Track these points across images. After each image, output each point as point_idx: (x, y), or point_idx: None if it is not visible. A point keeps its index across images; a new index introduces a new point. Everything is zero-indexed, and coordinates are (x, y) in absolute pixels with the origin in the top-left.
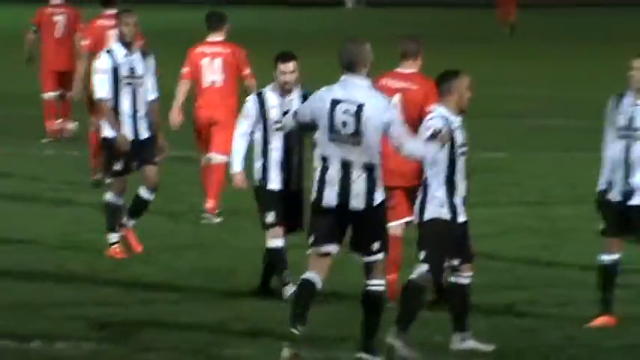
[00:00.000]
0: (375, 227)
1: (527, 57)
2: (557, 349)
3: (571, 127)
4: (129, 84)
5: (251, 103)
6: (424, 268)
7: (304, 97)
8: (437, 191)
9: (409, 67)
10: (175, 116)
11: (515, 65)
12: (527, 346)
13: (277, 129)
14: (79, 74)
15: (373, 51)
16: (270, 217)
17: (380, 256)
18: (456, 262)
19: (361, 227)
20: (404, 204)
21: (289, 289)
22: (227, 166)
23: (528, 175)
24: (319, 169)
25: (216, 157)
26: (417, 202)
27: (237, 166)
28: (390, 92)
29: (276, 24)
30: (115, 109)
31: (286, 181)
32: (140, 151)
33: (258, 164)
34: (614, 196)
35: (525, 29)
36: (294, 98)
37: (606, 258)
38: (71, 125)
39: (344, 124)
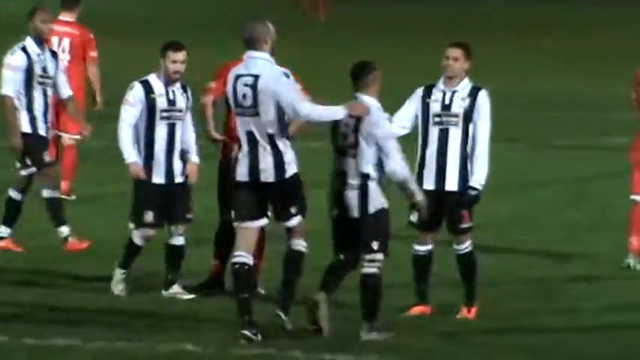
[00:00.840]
0: (291, 195)
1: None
2: None
3: None
4: (41, 83)
5: (137, 90)
6: (379, 257)
7: (184, 88)
8: (375, 182)
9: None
10: None
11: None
12: None
13: (162, 118)
14: None
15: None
16: (149, 216)
17: (298, 218)
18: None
19: (278, 198)
20: None
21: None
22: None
23: None
24: (237, 145)
25: (64, 137)
26: (356, 196)
27: (132, 156)
28: None
29: (136, 11)
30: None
31: (169, 172)
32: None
33: (140, 155)
34: (429, 184)
35: (339, 20)
36: (177, 88)
37: (420, 249)
38: None
39: (244, 96)
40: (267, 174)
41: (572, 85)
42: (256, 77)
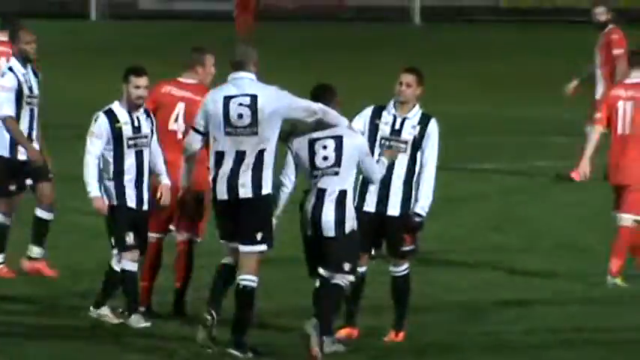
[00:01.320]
0: (260, 219)
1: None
2: None
3: None
4: (28, 103)
5: (102, 121)
6: (351, 278)
7: (147, 113)
8: (350, 203)
9: (191, 78)
10: None
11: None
12: None
13: (129, 146)
14: None
15: (117, 63)
16: (130, 238)
17: (263, 247)
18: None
19: (247, 218)
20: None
21: (136, 319)
22: None
23: None
24: (213, 165)
25: None
26: (333, 214)
27: (96, 191)
28: (173, 100)
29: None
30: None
31: (139, 199)
32: (32, 170)
33: (111, 184)
34: (369, 207)
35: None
36: (141, 114)
37: None
38: None
39: (240, 116)
40: (246, 190)
41: (494, 109)
42: (254, 97)
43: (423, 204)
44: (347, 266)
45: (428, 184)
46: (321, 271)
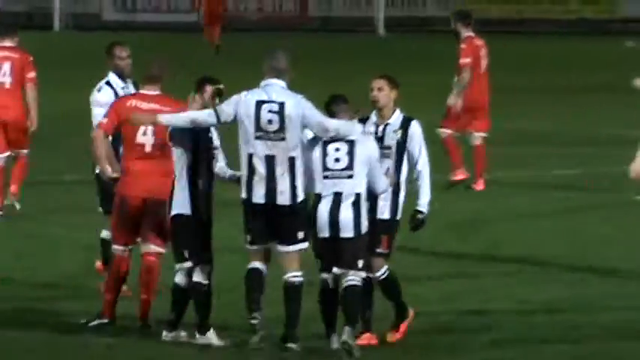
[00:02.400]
0: (299, 220)
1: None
2: None
3: None
4: None
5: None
6: (363, 274)
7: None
8: (365, 205)
9: (153, 90)
10: None
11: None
12: None
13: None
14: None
15: (82, 74)
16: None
17: (305, 244)
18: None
19: (287, 221)
20: None
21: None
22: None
23: None
24: (246, 168)
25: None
26: (352, 216)
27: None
28: (141, 113)
29: None
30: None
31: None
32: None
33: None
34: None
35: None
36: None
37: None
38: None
39: (269, 121)
40: (284, 197)
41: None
42: (282, 104)
43: (423, 201)
44: (360, 263)
45: (425, 183)
46: (335, 270)
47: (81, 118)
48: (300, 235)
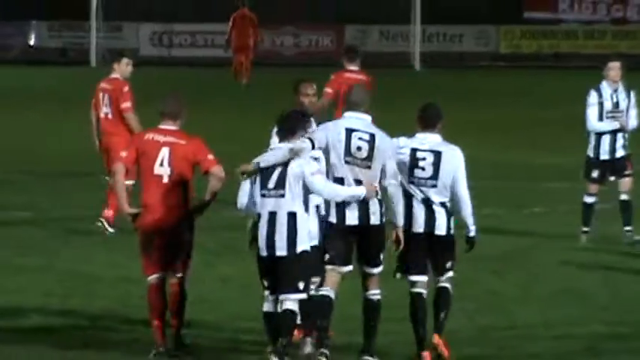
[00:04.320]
0: (381, 242)
1: None
2: None
3: None
4: None
5: None
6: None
7: None
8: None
9: (172, 125)
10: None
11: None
12: None
13: None
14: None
15: None
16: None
17: (381, 268)
18: None
19: (374, 243)
20: None
21: None
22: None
23: None
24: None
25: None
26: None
27: None
28: (157, 146)
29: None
30: None
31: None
32: None
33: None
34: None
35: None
36: None
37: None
38: None
39: (359, 148)
40: (376, 217)
41: (490, 153)
42: (373, 135)
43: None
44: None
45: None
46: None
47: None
48: (382, 257)
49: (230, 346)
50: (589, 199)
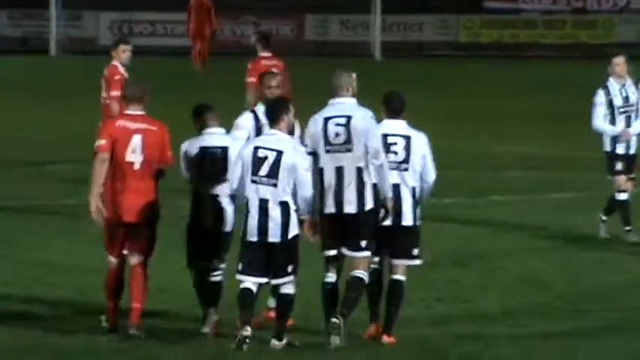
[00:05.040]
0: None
1: None
2: None
3: None
4: None
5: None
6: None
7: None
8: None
9: (138, 110)
10: None
11: None
12: None
13: None
14: None
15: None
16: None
17: (366, 253)
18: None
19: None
20: None
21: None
22: None
23: None
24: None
25: None
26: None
27: None
28: (129, 133)
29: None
30: None
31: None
32: None
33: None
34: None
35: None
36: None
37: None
38: None
39: (336, 134)
40: (351, 206)
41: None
42: (348, 117)
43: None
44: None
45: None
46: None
47: (77, 142)
48: (363, 243)
49: (193, 332)
50: (622, 196)
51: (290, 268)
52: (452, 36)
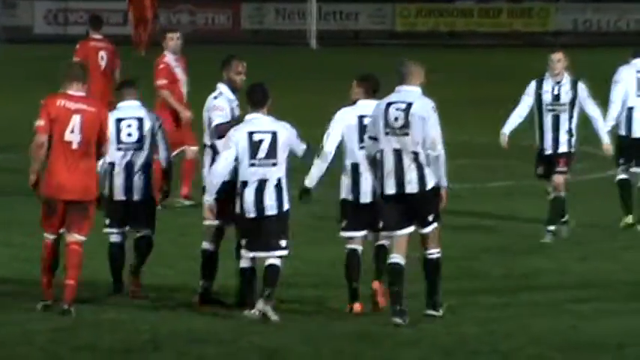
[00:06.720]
0: (430, 204)
1: None
2: None
3: None
4: None
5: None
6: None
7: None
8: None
9: (79, 90)
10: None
11: None
12: None
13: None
14: None
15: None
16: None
17: (434, 225)
18: None
19: (419, 207)
20: None
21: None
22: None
23: None
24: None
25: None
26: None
27: None
28: (68, 113)
29: None
30: None
31: None
32: None
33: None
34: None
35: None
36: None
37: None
38: None
39: (396, 119)
40: (412, 186)
41: None
42: (409, 104)
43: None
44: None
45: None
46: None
47: (15, 130)
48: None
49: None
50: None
51: (283, 243)
52: (388, 25)
